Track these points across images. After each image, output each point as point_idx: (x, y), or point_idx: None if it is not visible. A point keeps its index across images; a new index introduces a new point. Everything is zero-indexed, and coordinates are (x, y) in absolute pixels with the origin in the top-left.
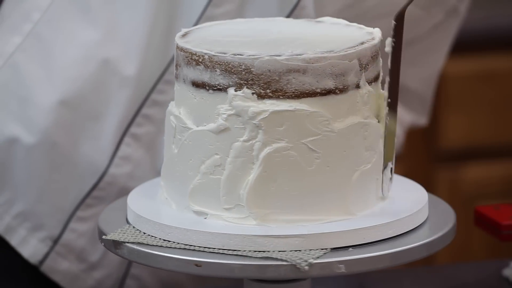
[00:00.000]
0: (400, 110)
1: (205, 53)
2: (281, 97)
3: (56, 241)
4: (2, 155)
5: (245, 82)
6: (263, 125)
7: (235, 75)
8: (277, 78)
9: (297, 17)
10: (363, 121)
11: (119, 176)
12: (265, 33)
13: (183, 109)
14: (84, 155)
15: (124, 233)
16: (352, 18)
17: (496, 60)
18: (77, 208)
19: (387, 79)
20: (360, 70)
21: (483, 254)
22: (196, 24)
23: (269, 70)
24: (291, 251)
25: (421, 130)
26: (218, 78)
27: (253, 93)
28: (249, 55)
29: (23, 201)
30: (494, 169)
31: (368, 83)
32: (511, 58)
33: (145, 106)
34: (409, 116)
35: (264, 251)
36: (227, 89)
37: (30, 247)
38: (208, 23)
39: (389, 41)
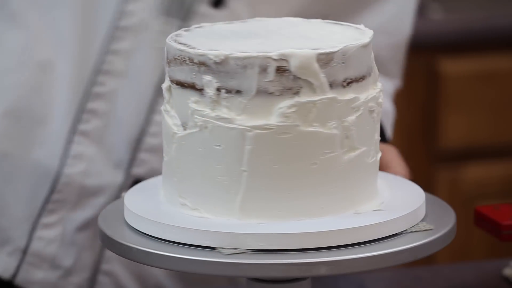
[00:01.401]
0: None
1: None
2: None
3: (25, 251)
4: None
5: None
6: None
7: None
8: None
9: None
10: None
11: (74, 175)
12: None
13: None
14: (36, 161)
15: None
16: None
17: (496, 60)
18: (39, 215)
19: None
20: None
21: (483, 254)
22: (112, 19)
23: None
24: None
25: (421, 130)
26: None
27: None
28: None
29: None
30: (494, 169)
31: (177, 83)
32: (511, 58)
33: (89, 101)
34: (389, 83)
35: None
36: None
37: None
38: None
39: None
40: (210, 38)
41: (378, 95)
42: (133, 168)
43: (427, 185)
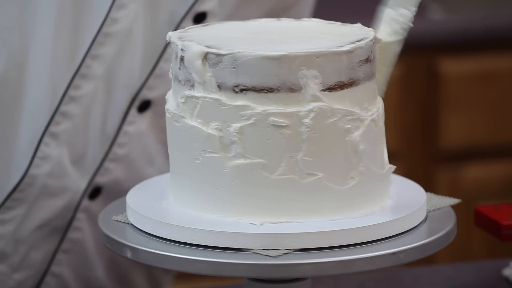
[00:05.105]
0: None
1: None
2: None
3: None
4: None
5: None
6: None
7: None
8: None
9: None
10: None
11: (38, 176)
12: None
13: None
14: (5, 158)
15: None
16: None
17: (496, 60)
18: None
19: None
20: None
21: (483, 254)
22: (102, 25)
23: None
24: None
25: (421, 130)
26: None
27: None
28: None
29: None
30: (494, 169)
31: None
32: (511, 58)
33: (63, 104)
34: None
35: None
36: None
37: None
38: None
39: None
40: (221, 31)
41: (305, 115)
42: (96, 176)
43: (427, 185)
